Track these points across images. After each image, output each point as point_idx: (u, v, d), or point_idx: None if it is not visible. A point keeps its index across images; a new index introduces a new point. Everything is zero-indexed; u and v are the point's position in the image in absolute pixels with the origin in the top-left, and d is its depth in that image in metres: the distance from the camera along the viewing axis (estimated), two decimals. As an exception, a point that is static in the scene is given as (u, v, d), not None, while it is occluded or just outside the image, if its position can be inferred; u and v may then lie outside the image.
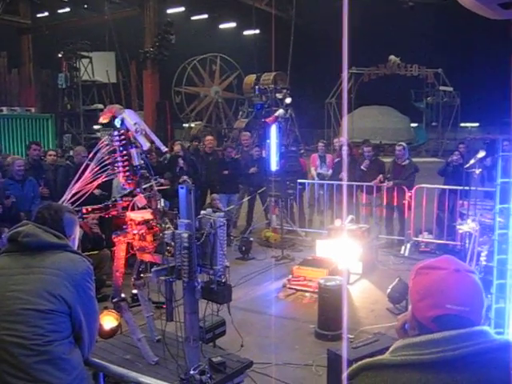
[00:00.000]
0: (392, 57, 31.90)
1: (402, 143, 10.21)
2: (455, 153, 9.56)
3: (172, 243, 3.62)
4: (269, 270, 8.25)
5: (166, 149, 5.10)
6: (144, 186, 3.84)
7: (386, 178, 9.55)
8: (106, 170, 3.85)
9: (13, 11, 24.55)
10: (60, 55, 25.83)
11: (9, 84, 24.91)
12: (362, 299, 7.13)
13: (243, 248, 8.99)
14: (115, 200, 4.01)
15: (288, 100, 17.26)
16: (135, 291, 4.83)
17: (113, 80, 29.83)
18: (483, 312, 1.49)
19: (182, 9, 29.30)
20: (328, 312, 5.78)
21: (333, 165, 10.72)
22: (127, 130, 3.85)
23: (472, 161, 7.46)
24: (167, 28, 21.57)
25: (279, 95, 17.06)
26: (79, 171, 3.89)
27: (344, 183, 9.47)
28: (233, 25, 34.71)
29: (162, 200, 3.89)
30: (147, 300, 4.45)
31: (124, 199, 3.97)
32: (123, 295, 4.29)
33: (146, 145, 3.87)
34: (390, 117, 35.73)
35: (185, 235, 3.51)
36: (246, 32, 34.01)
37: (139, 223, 3.82)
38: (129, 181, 3.88)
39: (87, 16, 26.61)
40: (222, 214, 3.72)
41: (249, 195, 10.89)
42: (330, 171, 10.66)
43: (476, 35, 29.35)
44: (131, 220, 3.87)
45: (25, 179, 7.89)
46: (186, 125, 31.50)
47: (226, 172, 10.30)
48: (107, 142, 3.88)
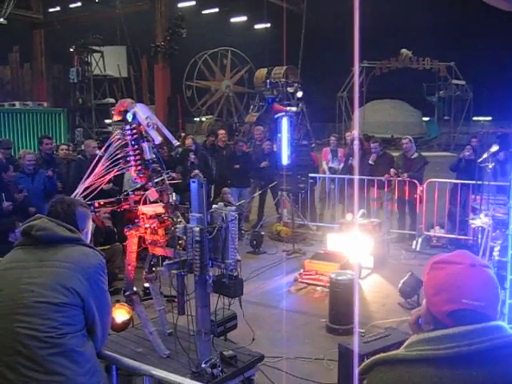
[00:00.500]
0: (404, 50, 31.63)
1: (408, 136, 10.15)
2: (467, 147, 9.43)
3: (184, 237, 3.63)
4: (280, 264, 8.25)
5: (178, 143, 5.09)
6: (156, 180, 3.85)
7: (397, 172, 9.48)
8: (118, 164, 3.87)
9: (25, 6, 24.62)
10: (72, 50, 25.89)
11: (21, 78, 25.07)
12: (374, 293, 7.11)
13: (254, 242, 9.00)
14: (127, 194, 4.02)
15: (299, 94, 17.23)
16: (147, 285, 4.84)
17: (124, 74, 29.89)
18: (499, 307, 1.48)
19: (193, 2, 29.25)
20: (339, 306, 5.77)
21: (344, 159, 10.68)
22: (139, 124, 3.86)
23: (485, 155, 7.38)
24: (178, 22, 21.57)
25: (290, 89, 17.02)
26: (91, 165, 3.91)
27: (356, 177, 9.43)
28: (244, 18, 34.62)
29: (174, 194, 3.89)
30: (159, 293, 4.46)
31: (136, 193, 3.97)
32: (135, 289, 4.31)
33: (158, 139, 3.88)
34: (402, 111, 35.50)
35: (196, 229, 3.52)
36: (257, 26, 33.95)
37: (151, 217, 3.83)
38: (140, 175, 3.89)
39: (99, 10, 26.63)
40: (234, 208, 3.72)
41: (260, 189, 10.89)
42: (342, 165, 10.63)
43: (489, 28, 29.10)
44: (143, 214, 3.88)
45: (35, 173, 7.94)
46: (197, 119, 31.50)
47: (237, 166, 10.29)
48: (119, 136, 3.88)
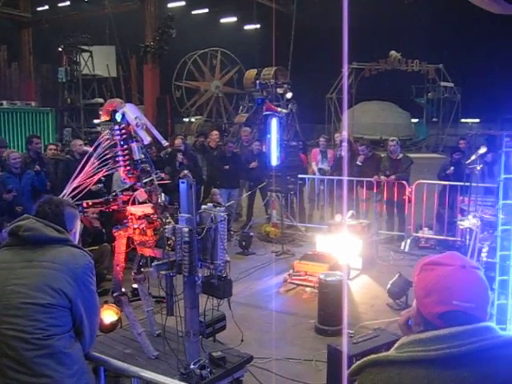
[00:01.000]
0: (393, 52, 31.78)
1: (395, 138, 10.23)
2: (451, 168, 9.35)
3: (172, 238, 3.61)
4: (269, 265, 8.25)
5: (167, 143, 5.08)
6: (145, 181, 3.84)
7: (385, 174, 9.53)
8: (107, 165, 3.85)
9: (13, 4, 24.46)
10: (60, 49, 25.71)
11: (9, 78, 24.85)
12: (362, 294, 7.13)
13: (243, 243, 8.99)
14: (116, 194, 4.00)
15: (289, 95, 17.19)
16: (135, 285, 4.83)
17: (113, 74, 29.71)
18: (488, 308, 1.49)
19: (183, 3, 29.20)
20: (328, 307, 5.78)
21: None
22: (128, 124, 3.84)
23: (473, 157, 7.43)
24: (168, 22, 21.49)
25: (280, 90, 16.96)
26: (80, 164, 3.88)
27: (344, 178, 9.46)
28: (233, 19, 34.61)
29: (163, 194, 3.88)
30: (147, 294, 4.44)
31: (125, 193, 3.96)
32: (123, 289, 4.29)
33: (147, 139, 3.86)
34: (391, 112, 35.65)
35: (185, 230, 3.51)
36: (247, 26, 33.95)
37: (140, 217, 3.81)
38: (129, 175, 3.88)
39: (87, 10, 26.52)
40: (223, 209, 3.71)
41: (249, 190, 10.88)
42: (331, 165, 10.64)
43: (477, 31, 29.30)
44: (132, 214, 3.87)
45: (22, 172, 7.87)
46: (187, 119, 31.42)
47: (227, 167, 10.28)
48: (108, 136, 3.87)
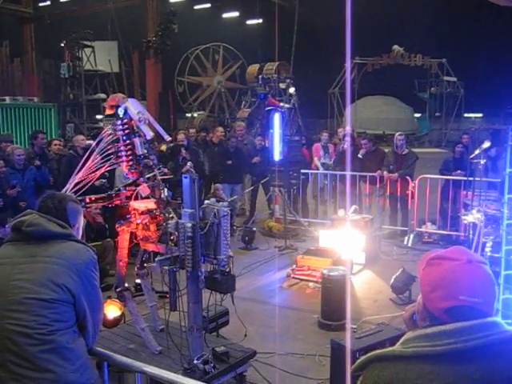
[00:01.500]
0: (395, 46, 31.67)
1: (402, 132, 10.18)
2: (458, 172, 9.29)
3: (175, 233, 3.61)
4: (272, 260, 8.25)
5: (169, 138, 5.07)
6: (147, 176, 3.83)
7: (389, 168, 9.49)
8: (110, 160, 3.84)
9: (15, 0, 24.42)
10: (62, 44, 25.68)
11: (11, 73, 24.84)
12: (365, 289, 7.12)
13: (246, 238, 8.99)
14: (118, 189, 3.99)
15: (291, 90, 17.14)
16: (139, 281, 4.82)
17: (115, 69, 29.68)
18: (495, 303, 1.47)
19: (185, -2, 29.19)
20: (331, 302, 5.78)
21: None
22: (130, 119, 3.83)
23: (477, 151, 7.38)
24: (170, 17, 21.47)
25: (282, 85, 16.91)
26: (83, 158, 3.87)
27: (347, 173, 9.44)
28: (236, 14, 34.55)
29: (166, 189, 3.87)
30: (151, 289, 4.45)
31: (127, 188, 3.95)
32: (127, 285, 4.29)
33: (150, 134, 3.85)
34: (394, 107, 35.58)
35: (188, 225, 3.50)
36: (250, 21, 33.84)
37: (143, 213, 3.81)
38: (132, 170, 3.87)
39: (90, 5, 26.44)
40: (226, 204, 3.71)
41: (252, 185, 10.86)
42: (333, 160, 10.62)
43: (481, 25, 29.18)
44: (135, 209, 3.86)
45: (25, 168, 7.87)
46: (189, 115, 31.39)
47: (230, 162, 10.27)
48: (110, 132, 3.86)
